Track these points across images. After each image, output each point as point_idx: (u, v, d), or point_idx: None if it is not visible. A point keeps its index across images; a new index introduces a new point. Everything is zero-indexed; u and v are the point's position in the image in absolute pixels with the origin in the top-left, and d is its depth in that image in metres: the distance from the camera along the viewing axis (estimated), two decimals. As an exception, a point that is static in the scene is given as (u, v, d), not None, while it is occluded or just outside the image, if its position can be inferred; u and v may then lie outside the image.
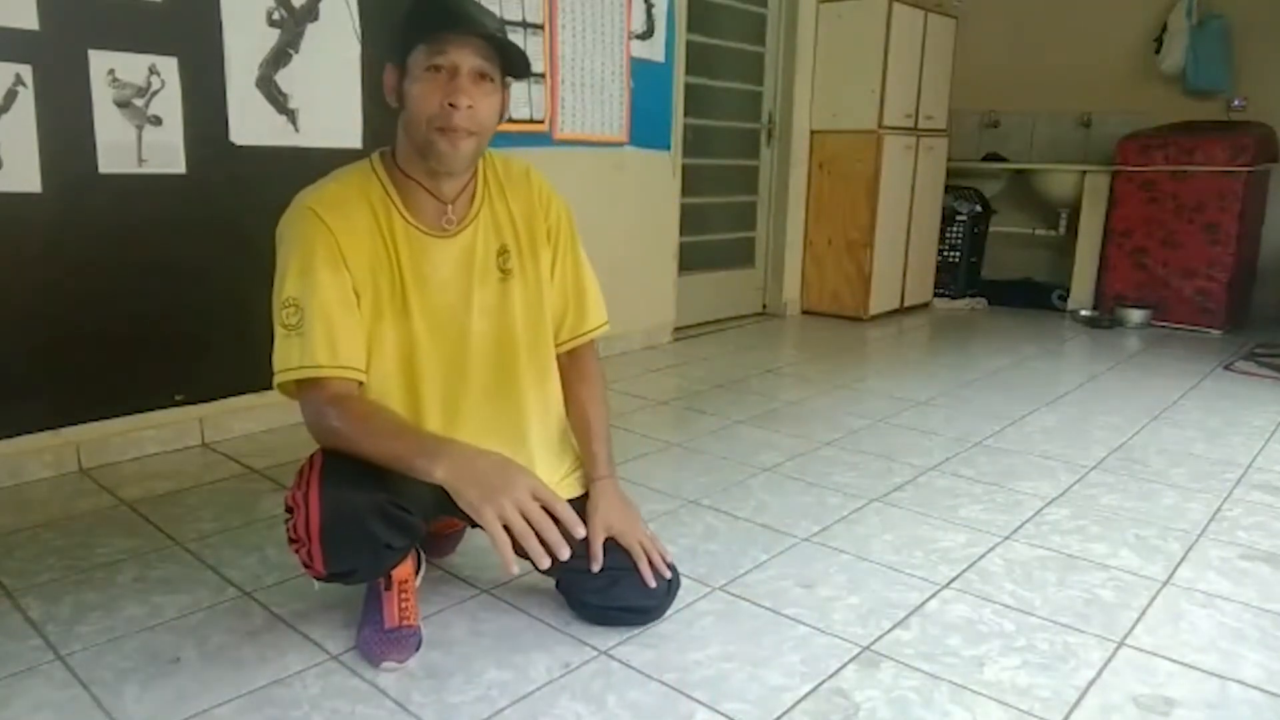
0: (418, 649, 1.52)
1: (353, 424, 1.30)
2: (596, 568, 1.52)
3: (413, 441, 1.29)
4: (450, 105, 1.29)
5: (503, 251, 1.50)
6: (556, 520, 1.25)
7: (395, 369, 1.44)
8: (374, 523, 1.31)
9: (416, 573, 1.66)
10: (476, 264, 1.47)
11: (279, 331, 1.35)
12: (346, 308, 1.33)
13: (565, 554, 1.23)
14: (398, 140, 1.41)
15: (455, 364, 1.48)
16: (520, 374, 1.54)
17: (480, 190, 1.48)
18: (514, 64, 1.35)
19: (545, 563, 1.24)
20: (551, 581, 1.68)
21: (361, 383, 1.40)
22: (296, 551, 1.36)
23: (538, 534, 1.22)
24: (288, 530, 1.35)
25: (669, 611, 1.67)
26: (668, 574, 1.60)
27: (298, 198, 1.42)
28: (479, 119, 1.32)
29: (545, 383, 1.60)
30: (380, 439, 1.28)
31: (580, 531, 1.27)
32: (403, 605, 1.52)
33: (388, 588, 1.52)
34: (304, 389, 1.34)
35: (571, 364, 1.63)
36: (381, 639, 1.49)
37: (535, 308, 1.55)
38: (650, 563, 1.57)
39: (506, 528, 1.21)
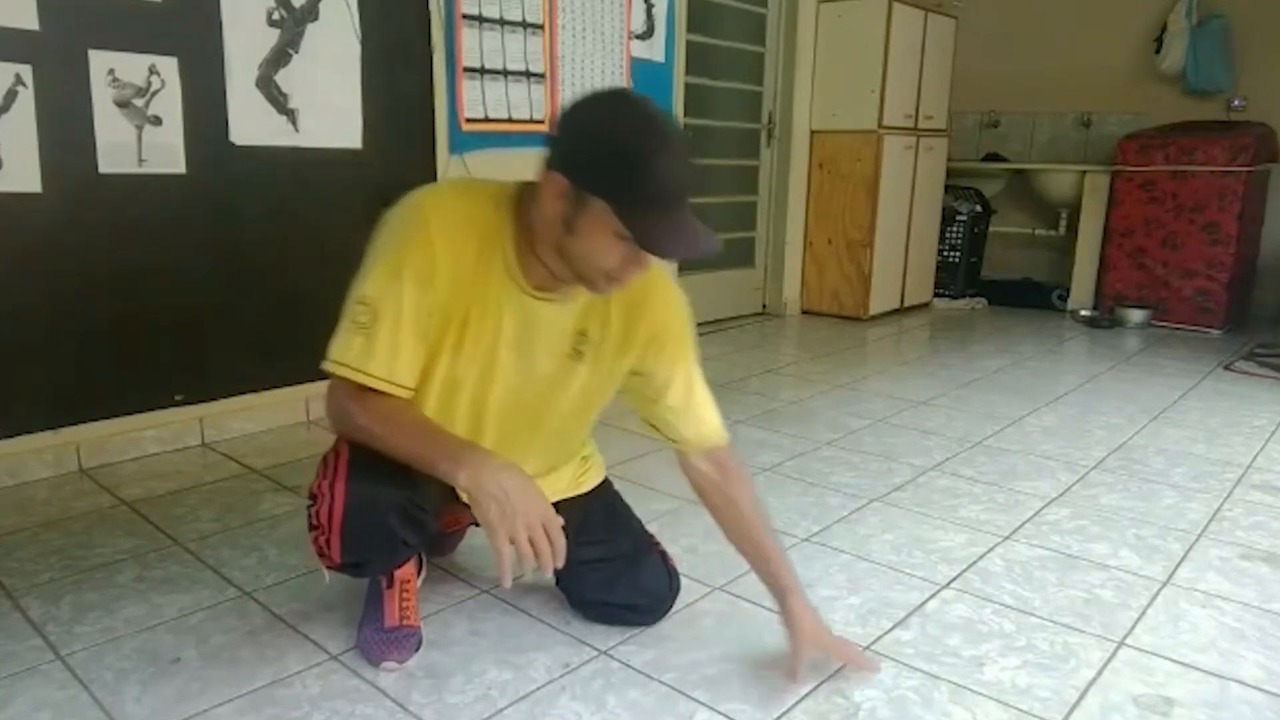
0: (417, 649, 1.52)
1: (377, 421, 1.28)
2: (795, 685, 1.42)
3: (438, 443, 1.27)
4: (632, 272, 1.25)
5: (581, 334, 1.41)
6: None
7: (450, 395, 1.39)
8: (394, 520, 1.33)
9: (418, 574, 1.66)
10: (553, 336, 1.39)
11: (347, 319, 1.30)
12: (418, 329, 1.27)
13: (548, 574, 1.28)
14: (542, 213, 1.24)
15: (503, 417, 1.43)
16: (538, 442, 1.51)
17: None
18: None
19: (535, 574, 1.29)
20: (551, 581, 1.68)
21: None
22: (315, 540, 1.36)
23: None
24: (310, 517, 1.35)
25: (669, 611, 1.67)
26: (878, 668, 1.50)
27: (420, 195, 1.31)
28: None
29: (561, 445, 1.57)
30: (405, 438, 1.27)
31: (561, 563, 1.26)
32: (403, 605, 1.53)
33: (389, 586, 1.53)
34: (343, 382, 1.30)
35: (718, 469, 1.49)
36: (381, 638, 1.49)
37: (594, 398, 1.49)
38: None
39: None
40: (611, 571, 1.58)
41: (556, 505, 1.33)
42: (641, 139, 1.15)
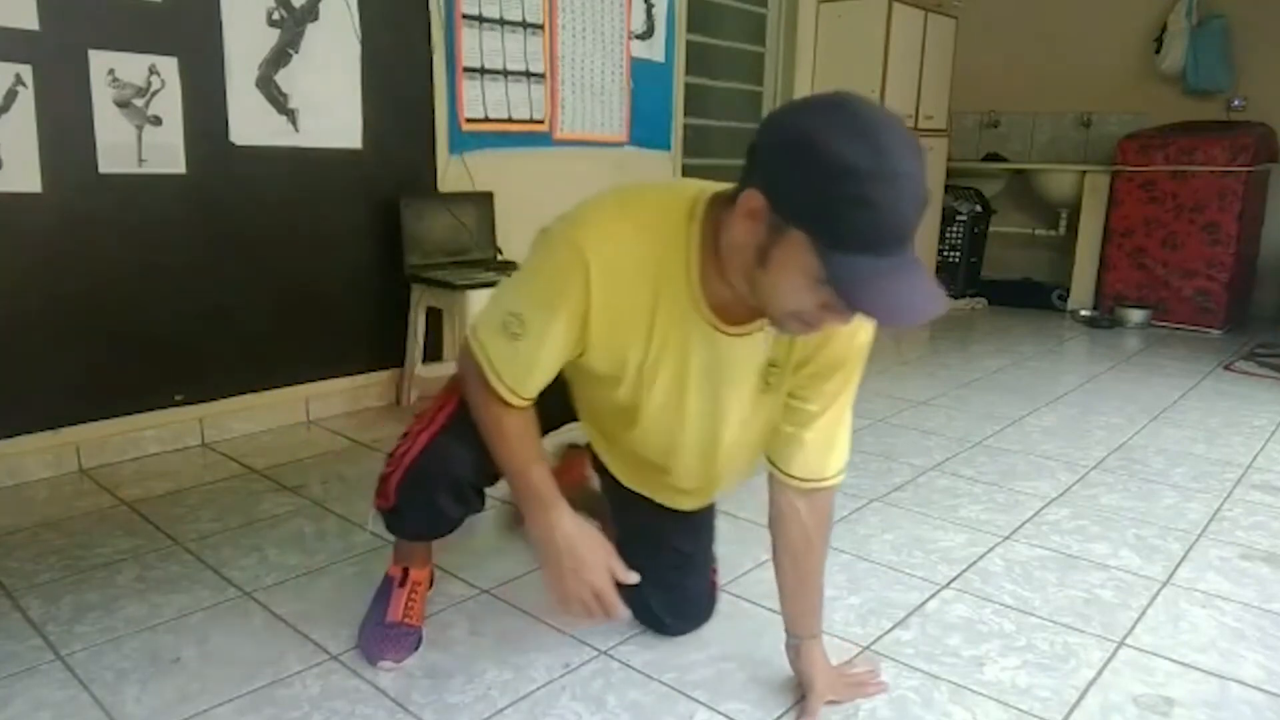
0: (416, 649, 1.52)
1: (491, 421, 1.28)
2: None
3: (524, 478, 1.28)
4: (815, 326, 1.06)
5: (772, 366, 1.28)
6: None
7: (614, 415, 1.36)
8: (445, 490, 1.38)
9: (430, 583, 1.66)
10: (745, 369, 1.28)
11: (499, 318, 1.22)
12: (556, 360, 1.23)
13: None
14: (733, 237, 1.07)
15: (674, 445, 1.36)
16: (735, 470, 1.45)
17: None
18: None
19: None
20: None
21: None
22: (385, 477, 1.42)
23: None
24: (393, 450, 1.43)
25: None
26: (886, 688, 1.46)
27: (577, 226, 1.16)
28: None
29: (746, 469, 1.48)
30: (504, 451, 1.28)
31: (615, 618, 1.29)
32: (409, 604, 1.54)
33: (401, 584, 1.55)
34: (480, 369, 1.25)
35: (812, 510, 1.37)
36: (381, 634, 1.51)
37: (770, 423, 1.37)
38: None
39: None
40: (668, 577, 1.53)
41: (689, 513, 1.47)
42: (864, 160, 0.92)
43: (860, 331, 1.25)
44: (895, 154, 0.93)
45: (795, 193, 0.96)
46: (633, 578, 1.29)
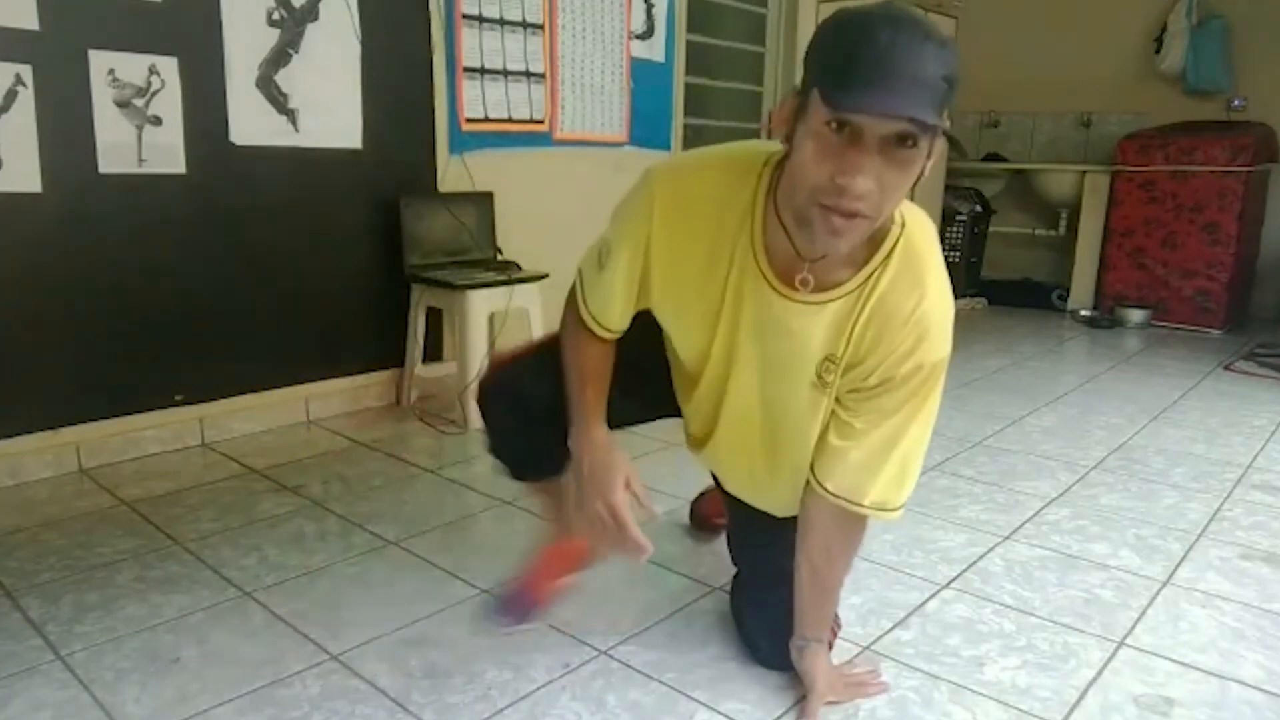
0: (529, 621, 1.60)
1: (573, 344, 1.37)
2: None
3: (582, 398, 1.35)
4: (841, 185, 0.98)
5: (828, 361, 1.21)
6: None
7: (689, 360, 1.35)
8: (511, 407, 1.45)
9: (581, 569, 1.70)
10: (798, 354, 1.22)
11: (596, 248, 1.32)
12: (629, 285, 1.28)
13: (640, 560, 1.28)
14: (783, 148, 1.10)
15: (735, 412, 1.34)
16: (797, 475, 1.34)
17: (863, 279, 1.16)
18: (939, 119, 0.98)
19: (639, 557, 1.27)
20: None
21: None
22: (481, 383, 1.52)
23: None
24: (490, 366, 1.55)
25: (669, 612, 1.67)
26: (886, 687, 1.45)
27: (658, 165, 1.24)
28: (879, 201, 1.01)
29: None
30: (573, 372, 1.36)
31: (647, 551, 1.27)
32: (543, 572, 1.64)
33: (545, 549, 1.66)
34: (576, 296, 1.37)
35: (836, 523, 1.31)
36: (507, 597, 1.63)
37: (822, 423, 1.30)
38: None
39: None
40: (765, 594, 1.50)
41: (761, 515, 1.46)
42: (861, 15, 0.97)
43: (922, 348, 1.17)
44: (893, 12, 0.96)
45: (809, 63, 1.01)
46: (651, 505, 1.29)
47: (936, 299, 1.17)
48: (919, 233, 1.19)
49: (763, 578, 1.53)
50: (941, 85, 0.96)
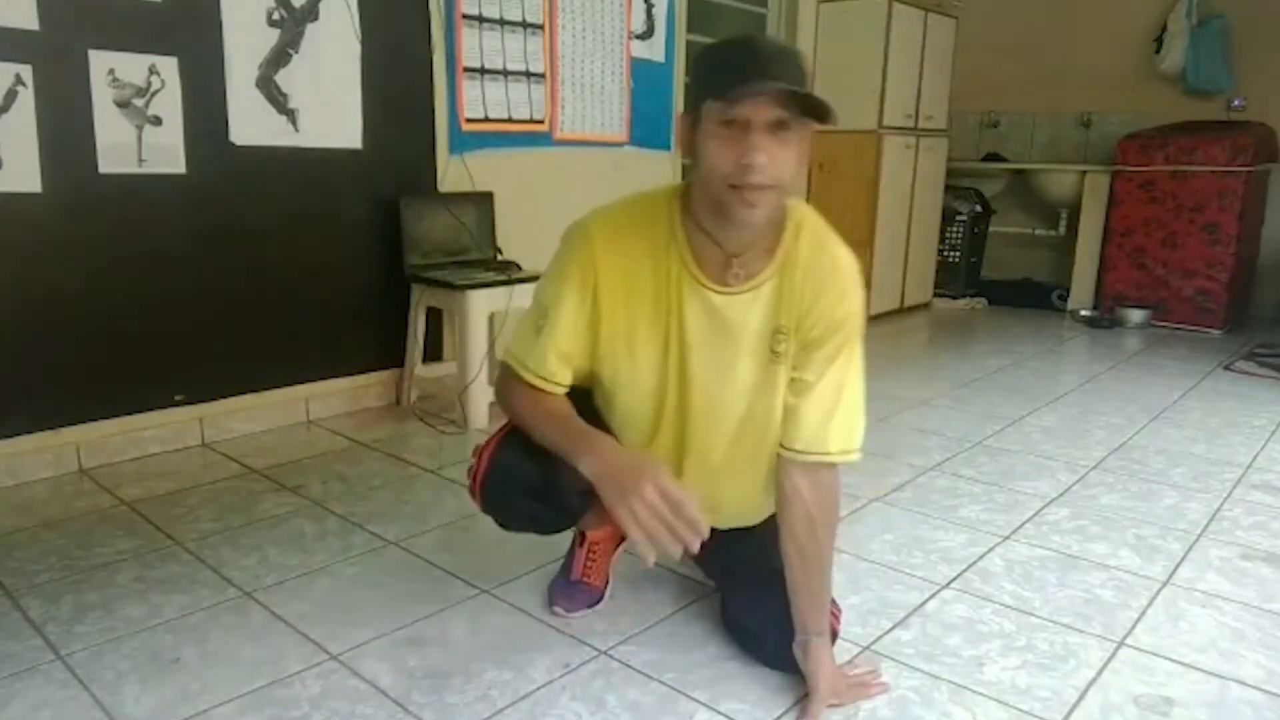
0: (592, 606, 1.66)
1: (527, 410, 1.39)
2: None
3: (569, 432, 1.34)
4: (745, 164, 1.18)
5: (779, 331, 1.35)
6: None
7: (643, 403, 1.43)
8: (521, 494, 1.44)
9: (617, 543, 1.74)
10: (749, 335, 1.36)
11: (528, 322, 1.41)
12: (574, 335, 1.36)
13: (694, 547, 1.21)
14: (694, 184, 1.31)
15: (701, 425, 1.43)
16: (766, 459, 1.43)
17: (782, 258, 1.34)
18: (811, 106, 1.19)
19: (676, 554, 1.23)
20: (546, 590, 1.72)
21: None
22: (471, 491, 1.48)
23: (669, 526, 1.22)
24: (467, 472, 1.48)
25: (669, 612, 1.67)
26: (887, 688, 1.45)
27: (589, 214, 1.39)
28: (777, 172, 1.20)
29: (772, 453, 1.45)
30: (549, 427, 1.36)
31: (704, 531, 1.21)
32: (588, 563, 1.69)
33: (580, 545, 1.70)
34: (509, 370, 1.42)
35: (811, 485, 1.37)
36: (560, 587, 1.69)
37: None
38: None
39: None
40: (760, 592, 1.49)
41: (734, 531, 1.52)
42: (732, 39, 1.24)
43: (848, 297, 1.35)
44: (753, 35, 1.26)
45: (696, 84, 1.24)
46: (680, 488, 1.24)
47: (845, 256, 1.37)
48: (807, 215, 1.38)
49: (755, 581, 1.52)
50: (807, 78, 1.21)
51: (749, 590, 1.54)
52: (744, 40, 1.23)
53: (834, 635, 1.47)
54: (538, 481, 1.41)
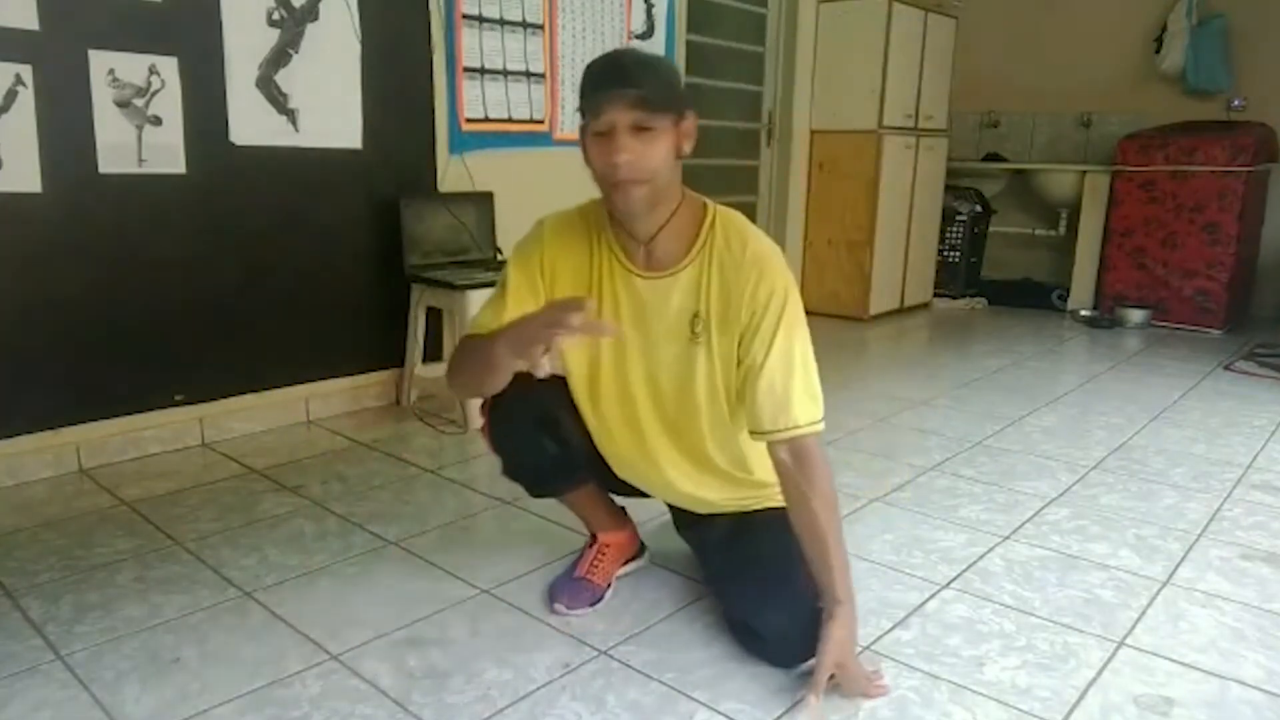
0: (592, 605, 1.67)
1: (459, 352, 1.52)
2: (814, 700, 1.36)
3: (487, 340, 1.41)
4: (612, 163, 1.37)
5: (696, 317, 1.48)
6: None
7: (580, 382, 1.58)
8: (529, 422, 1.55)
9: (636, 557, 1.83)
10: (669, 317, 1.49)
11: (488, 301, 1.57)
12: (518, 302, 1.50)
13: (572, 321, 1.23)
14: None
15: (633, 401, 1.56)
16: (703, 435, 1.55)
17: (698, 250, 1.48)
18: (673, 104, 1.39)
19: (542, 370, 1.28)
20: (548, 585, 1.71)
21: None
22: (483, 430, 1.62)
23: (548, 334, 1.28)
24: (480, 408, 1.61)
25: (669, 612, 1.67)
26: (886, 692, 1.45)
27: (551, 213, 1.60)
28: (643, 166, 1.38)
29: (730, 447, 1.57)
30: (470, 351, 1.45)
31: (574, 319, 1.24)
32: (595, 562, 1.73)
33: (591, 544, 1.77)
34: (464, 339, 1.53)
35: (794, 459, 1.43)
36: (563, 583, 1.71)
37: (719, 384, 1.50)
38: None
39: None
40: (759, 587, 1.50)
41: (711, 517, 1.64)
42: (599, 58, 1.45)
43: (767, 272, 1.45)
44: (613, 51, 1.46)
45: (580, 102, 1.43)
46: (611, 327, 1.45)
47: (762, 243, 1.49)
48: (730, 215, 1.53)
49: (756, 578, 1.52)
50: (662, 81, 1.39)
51: (749, 588, 1.54)
52: (608, 57, 1.43)
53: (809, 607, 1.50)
54: (541, 411, 1.55)
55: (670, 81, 1.42)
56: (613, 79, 1.37)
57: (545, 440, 1.57)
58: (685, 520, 1.76)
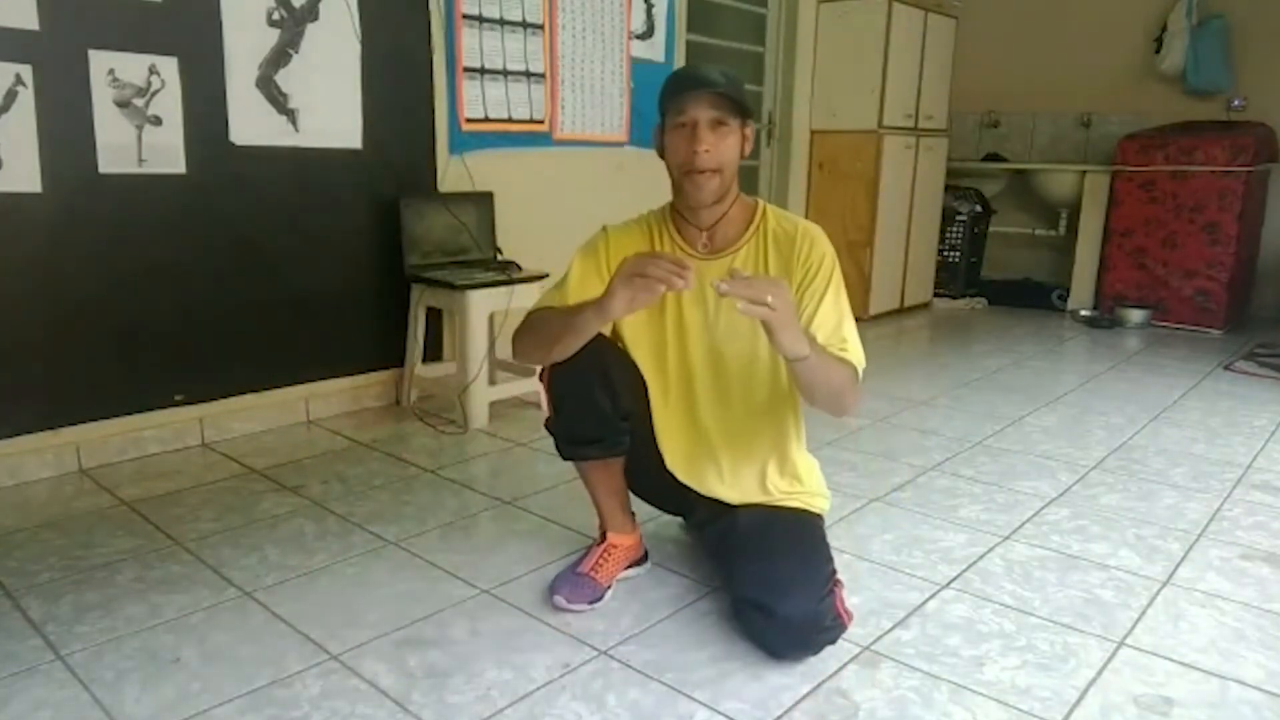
0: (591, 603, 1.68)
1: (537, 319, 1.59)
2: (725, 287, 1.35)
3: (577, 307, 1.51)
4: (692, 152, 1.52)
5: None
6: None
7: (649, 358, 1.70)
8: (590, 374, 1.60)
9: (639, 563, 1.83)
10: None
11: (549, 290, 1.70)
12: (583, 287, 1.62)
13: (688, 280, 1.34)
14: (671, 177, 1.64)
15: (693, 380, 1.68)
16: (758, 410, 1.67)
17: (751, 234, 1.64)
18: (744, 108, 1.54)
19: (679, 284, 1.35)
20: (549, 581, 1.71)
21: None
22: (539, 376, 1.69)
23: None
24: (538, 375, 1.70)
25: (669, 612, 1.67)
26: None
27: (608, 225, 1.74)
28: (718, 158, 1.53)
29: (781, 426, 1.70)
30: (556, 317, 1.54)
31: (690, 276, 1.34)
32: (600, 561, 1.75)
33: (599, 543, 1.79)
34: (527, 317, 1.63)
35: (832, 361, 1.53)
36: (565, 577, 1.73)
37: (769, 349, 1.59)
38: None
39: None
40: (786, 573, 1.52)
41: (742, 506, 1.68)
42: (680, 69, 1.69)
43: (813, 238, 1.60)
44: (692, 64, 1.64)
45: (660, 105, 1.58)
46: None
47: (809, 223, 1.65)
48: (774, 207, 1.68)
49: (762, 551, 1.57)
50: (736, 86, 1.54)
51: (775, 570, 1.53)
52: (690, 66, 1.62)
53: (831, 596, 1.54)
54: (605, 369, 1.62)
55: (742, 88, 1.57)
56: (697, 80, 1.53)
57: (600, 395, 1.62)
58: (711, 514, 1.74)
